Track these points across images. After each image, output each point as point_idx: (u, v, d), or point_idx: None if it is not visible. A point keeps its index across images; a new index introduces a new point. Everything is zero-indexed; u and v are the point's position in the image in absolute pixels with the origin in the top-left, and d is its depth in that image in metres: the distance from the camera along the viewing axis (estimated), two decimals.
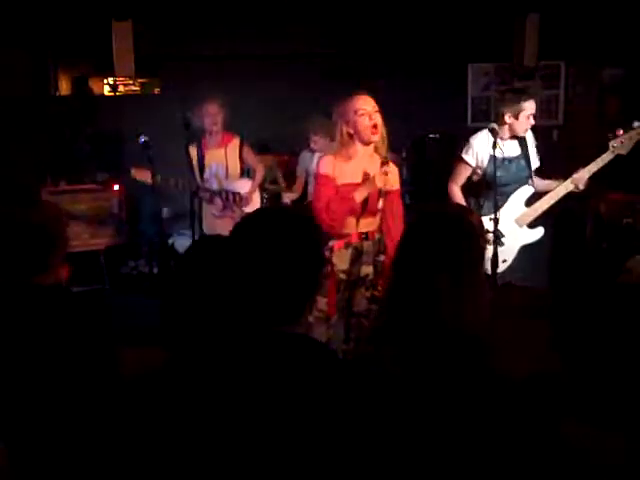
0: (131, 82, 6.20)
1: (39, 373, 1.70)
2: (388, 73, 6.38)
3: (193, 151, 4.49)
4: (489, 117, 5.93)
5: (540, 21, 5.95)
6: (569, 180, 3.64)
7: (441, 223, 1.81)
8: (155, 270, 5.72)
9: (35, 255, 1.83)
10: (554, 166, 5.02)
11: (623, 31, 6.14)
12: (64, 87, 6.31)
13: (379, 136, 3.07)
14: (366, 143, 3.09)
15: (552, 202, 3.68)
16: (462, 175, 3.78)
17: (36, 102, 5.96)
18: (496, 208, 3.41)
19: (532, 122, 3.64)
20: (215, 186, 4.53)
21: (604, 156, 3.59)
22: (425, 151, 6.20)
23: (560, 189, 3.65)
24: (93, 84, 6.29)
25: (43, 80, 6.14)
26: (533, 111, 3.63)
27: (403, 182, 5.84)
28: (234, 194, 4.59)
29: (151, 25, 5.82)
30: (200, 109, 4.47)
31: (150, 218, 5.72)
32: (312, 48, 6.18)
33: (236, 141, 4.63)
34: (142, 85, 6.27)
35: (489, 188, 3.59)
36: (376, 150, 3.14)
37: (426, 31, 6.21)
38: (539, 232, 3.74)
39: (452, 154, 4.14)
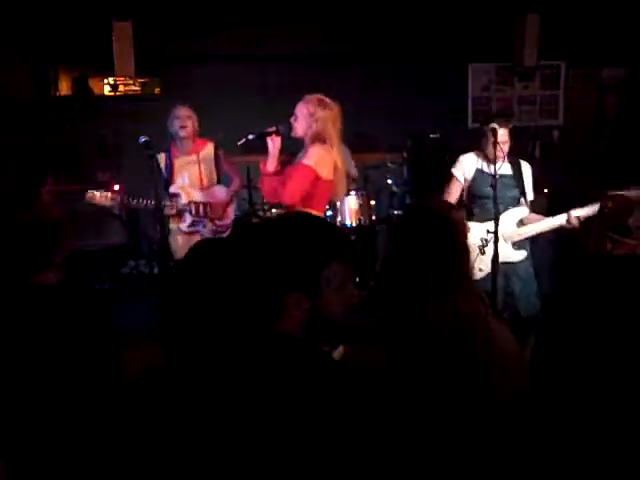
0: (131, 82, 6.20)
1: (39, 374, 1.70)
2: (389, 73, 6.39)
3: (162, 160, 4.13)
4: (489, 117, 5.92)
5: (540, 21, 5.96)
6: (565, 214, 3.62)
7: (421, 220, 1.82)
8: (155, 270, 5.72)
9: (35, 255, 1.83)
10: (554, 166, 5.02)
11: (623, 31, 6.14)
12: (64, 87, 6.30)
13: (297, 131, 3.59)
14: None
15: (543, 229, 3.69)
16: (453, 190, 3.79)
17: (36, 102, 5.97)
18: (496, 209, 3.41)
19: (501, 150, 3.53)
20: (183, 200, 4.09)
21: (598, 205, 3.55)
22: (425, 151, 6.19)
23: (555, 219, 3.66)
24: (93, 84, 6.29)
25: (43, 80, 6.15)
26: (501, 139, 3.52)
27: (404, 182, 5.90)
28: (204, 205, 4.14)
29: (151, 25, 5.82)
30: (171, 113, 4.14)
31: (150, 218, 5.72)
32: (312, 48, 6.18)
33: (210, 146, 4.23)
34: (142, 85, 6.26)
35: (478, 198, 3.68)
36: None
37: (426, 31, 6.21)
38: (522, 254, 3.71)
39: (452, 154, 4.15)
